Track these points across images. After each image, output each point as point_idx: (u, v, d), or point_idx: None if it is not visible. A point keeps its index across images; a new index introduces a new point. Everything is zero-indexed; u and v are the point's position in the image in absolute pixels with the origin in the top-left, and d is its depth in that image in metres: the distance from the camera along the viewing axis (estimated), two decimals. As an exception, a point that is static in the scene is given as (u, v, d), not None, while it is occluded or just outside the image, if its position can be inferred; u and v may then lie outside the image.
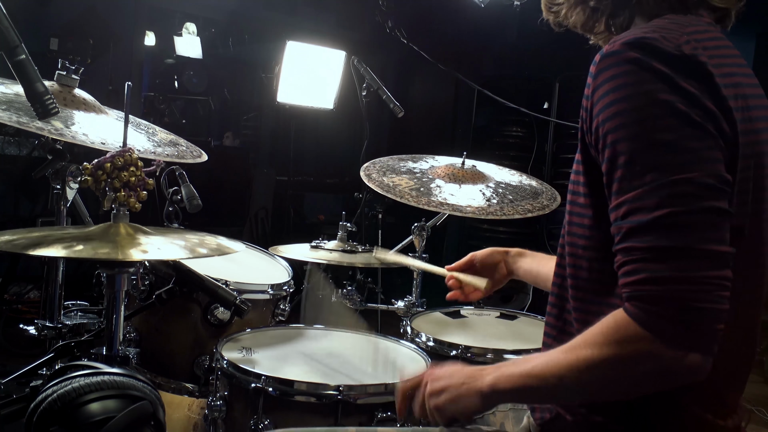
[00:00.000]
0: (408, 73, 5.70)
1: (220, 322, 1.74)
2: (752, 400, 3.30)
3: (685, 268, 0.84)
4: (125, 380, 1.12)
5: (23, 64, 1.20)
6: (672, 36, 0.91)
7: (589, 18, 1.09)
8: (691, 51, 0.90)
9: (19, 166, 3.80)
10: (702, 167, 0.87)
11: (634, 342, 0.86)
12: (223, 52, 6.75)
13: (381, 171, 2.14)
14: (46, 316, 1.68)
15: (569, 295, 1.06)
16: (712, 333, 0.85)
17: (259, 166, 6.15)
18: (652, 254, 0.86)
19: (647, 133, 0.88)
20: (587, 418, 1.02)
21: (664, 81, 0.88)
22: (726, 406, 1.02)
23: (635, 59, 0.90)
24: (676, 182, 0.86)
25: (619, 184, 0.90)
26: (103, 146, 1.50)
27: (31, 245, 1.17)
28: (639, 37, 0.92)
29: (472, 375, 1.03)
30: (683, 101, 0.88)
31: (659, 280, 0.85)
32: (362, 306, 2.20)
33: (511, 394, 1.01)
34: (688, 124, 0.87)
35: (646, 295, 0.85)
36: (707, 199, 0.86)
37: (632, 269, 0.87)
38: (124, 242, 1.25)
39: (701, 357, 0.85)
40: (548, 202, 2.04)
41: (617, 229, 0.90)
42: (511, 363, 1.01)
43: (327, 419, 1.34)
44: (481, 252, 1.53)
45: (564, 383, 0.92)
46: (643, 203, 0.87)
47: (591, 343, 0.90)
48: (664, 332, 0.84)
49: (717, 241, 0.86)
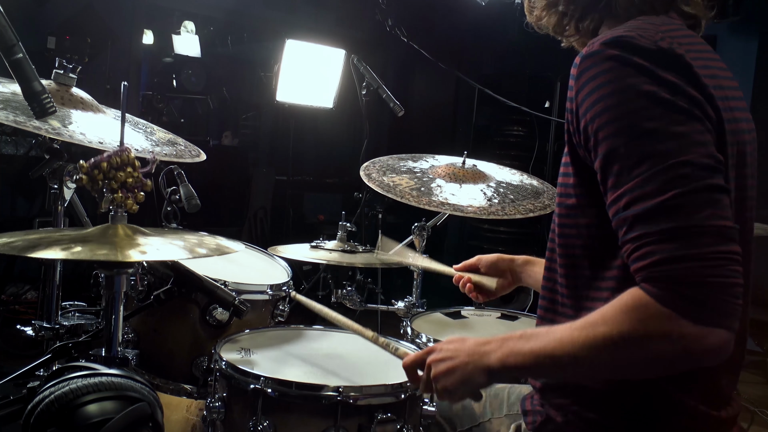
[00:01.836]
0: (408, 72, 5.69)
1: (218, 322, 1.73)
2: (755, 401, 3.29)
3: (695, 246, 0.85)
4: (123, 381, 1.11)
5: (20, 63, 1.19)
6: (648, 33, 0.94)
7: (560, 21, 1.12)
8: (667, 45, 0.93)
9: (16, 165, 3.79)
10: (696, 149, 0.88)
11: (655, 319, 0.85)
12: (222, 50, 6.75)
13: (381, 170, 2.13)
14: (43, 316, 1.67)
15: (561, 294, 1.07)
16: (733, 308, 0.85)
17: (259, 165, 6.14)
18: (663, 236, 0.86)
19: (636, 124, 0.90)
20: (580, 415, 1.02)
21: (645, 74, 0.91)
22: (721, 397, 1.02)
23: (615, 56, 0.92)
24: (674, 165, 0.87)
25: (615, 178, 0.91)
26: (101, 145, 1.49)
27: (29, 247, 1.16)
28: (617, 36, 0.94)
29: (477, 352, 1.03)
30: (667, 90, 0.90)
31: (673, 259, 0.85)
32: (362, 306, 2.19)
33: (520, 370, 1.00)
34: (674, 110, 0.89)
35: (663, 275, 0.86)
36: (706, 177, 0.87)
37: (645, 252, 0.87)
38: (123, 243, 1.24)
39: (726, 333, 0.85)
40: (549, 202, 2.03)
41: (621, 221, 0.90)
42: (518, 338, 0.99)
43: (326, 420, 1.34)
44: (487, 257, 1.53)
45: (579, 361, 0.92)
46: (644, 191, 0.88)
47: (609, 320, 0.89)
48: (686, 310, 0.84)
49: (722, 217, 0.87)
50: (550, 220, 2.48)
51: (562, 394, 1.07)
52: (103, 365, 1.15)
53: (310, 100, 3.50)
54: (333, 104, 3.49)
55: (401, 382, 1.37)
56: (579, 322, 0.93)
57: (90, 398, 1.06)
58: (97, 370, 1.12)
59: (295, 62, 3.41)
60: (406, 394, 1.38)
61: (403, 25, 3.10)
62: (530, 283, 1.50)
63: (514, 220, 1.98)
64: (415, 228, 2.11)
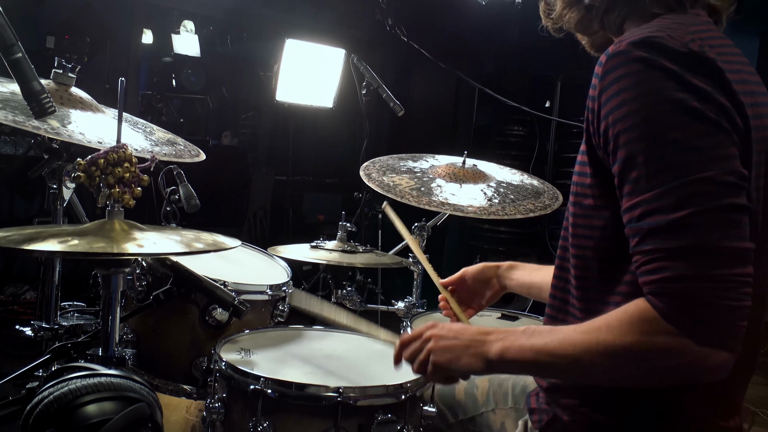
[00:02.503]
0: (408, 72, 5.68)
1: (218, 323, 1.73)
2: (756, 402, 3.29)
3: (708, 267, 0.84)
4: (122, 382, 1.11)
5: (19, 63, 1.19)
6: (677, 34, 0.91)
7: (584, 16, 1.09)
8: (698, 48, 0.90)
9: (15, 165, 3.78)
10: (719, 165, 0.86)
11: (659, 334, 0.85)
12: (222, 50, 6.73)
13: (381, 170, 2.12)
14: (42, 317, 1.67)
15: (572, 295, 1.05)
16: (737, 331, 0.85)
17: (258, 165, 6.12)
18: (675, 254, 0.85)
19: (660, 132, 0.87)
20: (587, 416, 1.01)
21: (673, 79, 0.88)
22: (729, 406, 1.01)
23: (643, 58, 0.89)
24: (694, 181, 0.85)
25: (633, 185, 0.89)
26: (100, 145, 1.49)
27: (25, 240, 1.15)
28: (645, 37, 0.91)
29: (479, 339, 1.02)
30: (695, 98, 0.87)
31: (683, 278, 0.84)
32: (362, 307, 2.19)
33: (519, 365, 1.00)
34: (701, 120, 0.87)
35: (672, 293, 0.85)
36: (726, 196, 0.85)
37: (655, 268, 0.86)
38: (119, 237, 1.23)
39: (727, 355, 0.85)
40: (550, 202, 2.02)
41: (634, 231, 0.89)
42: (521, 333, 0.99)
43: (326, 421, 1.33)
44: (472, 268, 1.51)
45: (579, 364, 0.91)
46: (660, 204, 0.86)
47: (613, 328, 0.89)
48: (691, 329, 0.84)
49: (738, 239, 0.86)
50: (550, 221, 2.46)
51: (569, 395, 1.06)
52: (100, 365, 1.15)
53: (310, 99, 3.49)
54: (333, 104, 3.48)
55: (401, 383, 1.37)
56: (583, 325, 0.92)
57: (89, 399, 1.06)
58: (97, 370, 1.12)
59: (294, 62, 3.41)
60: (407, 395, 1.37)
61: (403, 24, 3.09)
62: (513, 286, 1.47)
63: (514, 220, 1.98)
64: (415, 228, 2.10)
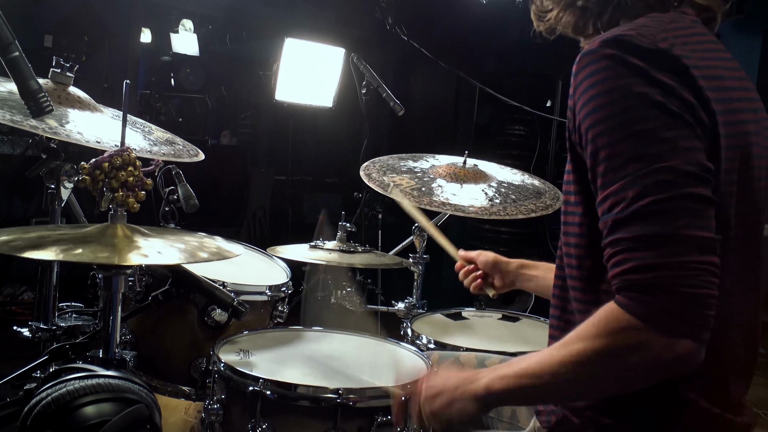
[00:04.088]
0: (408, 71, 5.68)
1: (217, 324, 1.72)
2: (758, 403, 3.29)
3: (671, 254, 0.84)
4: (121, 383, 1.10)
5: (17, 62, 1.19)
6: (650, 32, 0.93)
7: (579, 19, 1.10)
8: (666, 45, 0.92)
9: (13, 165, 3.78)
10: (681, 155, 0.87)
11: (624, 332, 0.86)
12: (221, 49, 6.73)
13: (381, 170, 2.12)
14: (40, 317, 1.66)
15: (570, 294, 1.05)
16: (702, 319, 0.84)
17: (257, 165, 6.12)
18: (638, 243, 0.86)
19: (625, 125, 0.89)
20: (595, 419, 1.01)
21: (639, 74, 0.90)
22: (733, 403, 1.01)
23: (611, 55, 0.92)
24: (656, 171, 0.86)
25: (602, 178, 0.91)
26: (98, 145, 1.48)
27: (28, 247, 1.14)
28: (616, 35, 0.94)
29: (467, 378, 1.02)
30: (659, 92, 0.89)
31: (646, 267, 0.85)
32: (362, 307, 2.18)
33: (507, 395, 0.99)
34: (665, 114, 0.88)
35: (635, 284, 0.85)
36: (688, 186, 0.86)
37: (620, 260, 0.87)
38: (123, 245, 1.22)
39: (692, 344, 0.84)
40: (551, 202, 2.02)
41: (603, 224, 0.91)
42: (506, 364, 1.00)
43: (326, 423, 1.33)
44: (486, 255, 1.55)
45: (558, 380, 0.91)
46: (625, 194, 0.88)
47: (583, 336, 0.90)
48: (654, 320, 0.84)
49: (701, 228, 0.86)
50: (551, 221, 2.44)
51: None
52: (101, 367, 1.14)
53: (310, 99, 3.48)
54: (332, 103, 3.47)
55: (401, 384, 1.36)
56: (561, 340, 0.93)
57: (87, 400, 1.05)
58: (95, 371, 1.11)
59: (294, 61, 3.40)
60: (406, 396, 1.36)
61: (403, 23, 3.09)
62: (529, 287, 1.50)
63: (515, 221, 1.97)
64: (415, 228, 2.09)
